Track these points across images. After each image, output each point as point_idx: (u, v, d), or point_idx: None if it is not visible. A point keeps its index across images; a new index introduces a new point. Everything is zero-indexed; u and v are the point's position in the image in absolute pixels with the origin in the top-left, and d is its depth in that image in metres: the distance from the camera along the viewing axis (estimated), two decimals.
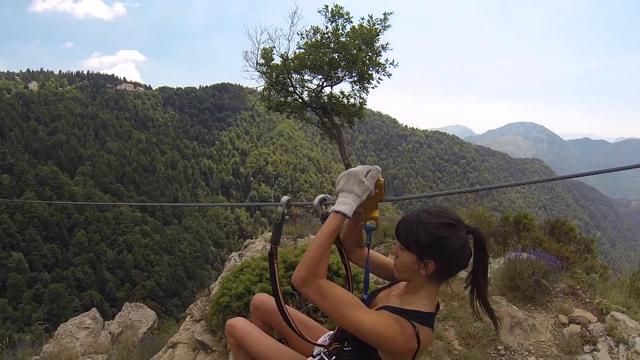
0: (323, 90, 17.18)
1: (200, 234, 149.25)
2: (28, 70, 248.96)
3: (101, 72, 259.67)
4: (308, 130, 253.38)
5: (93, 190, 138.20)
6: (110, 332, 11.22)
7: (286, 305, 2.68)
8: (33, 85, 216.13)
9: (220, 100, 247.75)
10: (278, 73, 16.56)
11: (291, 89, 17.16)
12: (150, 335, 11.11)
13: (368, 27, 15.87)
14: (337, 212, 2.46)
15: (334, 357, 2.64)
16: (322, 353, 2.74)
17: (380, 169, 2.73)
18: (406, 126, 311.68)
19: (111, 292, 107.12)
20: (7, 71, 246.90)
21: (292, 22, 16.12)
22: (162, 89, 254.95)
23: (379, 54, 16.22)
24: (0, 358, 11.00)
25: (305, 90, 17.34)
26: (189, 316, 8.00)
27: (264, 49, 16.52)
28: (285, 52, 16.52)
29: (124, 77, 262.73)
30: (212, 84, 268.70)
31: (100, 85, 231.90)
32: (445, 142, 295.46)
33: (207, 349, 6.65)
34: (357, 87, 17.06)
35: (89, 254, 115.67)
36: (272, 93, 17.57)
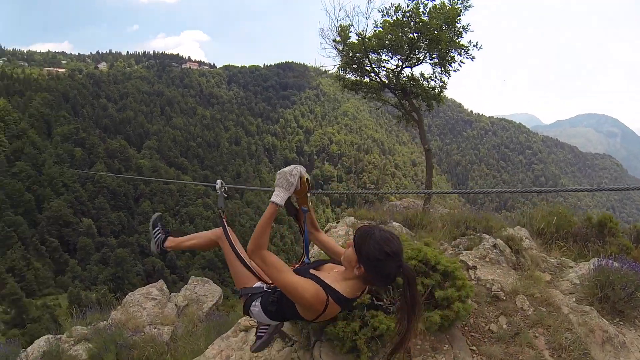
0: (403, 71, 16.48)
1: (262, 209, 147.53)
2: (97, 52, 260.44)
3: (166, 52, 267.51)
4: (373, 111, 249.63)
5: (158, 163, 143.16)
6: (176, 305, 11.41)
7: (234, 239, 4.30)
8: (102, 66, 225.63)
9: (284, 79, 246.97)
10: (355, 52, 15.96)
11: (368, 68, 16.47)
12: (216, 311, 11.24)
13: (449, 5, 14.95)
14: (272, 202, 3.34)
15: (273, 292, 3.65)
16: (264, 286, 3.84)
17: (303, 168, 3.85)
18: (471, 111, 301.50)
19: (172, 260, 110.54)
20: (79, 53, 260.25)
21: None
22: (226, 67, 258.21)
23: (460, 35, 15.39)
24: (69, 323, 11.32)
25: (382, 70, 16.62)
26: None
27: (341, 27, 15.92)
28: (363, 30, 15.78)
29: (189, 56, 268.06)
30: (276, 63, 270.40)
31: (165, 65, 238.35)
32: (511, 130, 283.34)
33: (286, 338, 6.58)
34: (439, 69, 16.22)
35: None
36: (347, 72, 16.95)
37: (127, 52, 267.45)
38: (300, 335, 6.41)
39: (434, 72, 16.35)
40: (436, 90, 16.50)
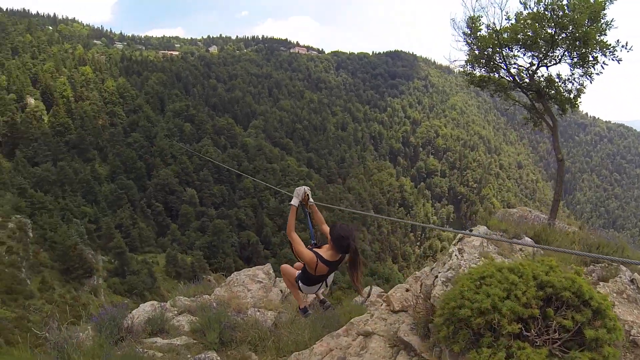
0: (538, 71, 14.82)
1: (363, 196, 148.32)
2: (208, 36, 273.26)
3: (275, 37, 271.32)
4: (481, 106, 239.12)
5: (263, 142, 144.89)
6: (281, 290, 11.38)
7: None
8: (213, 49, 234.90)
9: (393, 68, 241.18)
10: (485, 45, 14.59)
11: (502, 65, 15.05)
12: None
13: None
14: (290, 204, 6.36)
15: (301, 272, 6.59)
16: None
17: (308, 188, 6.67)
18: (586, 114, 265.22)
19: (267, 236, 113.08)
20: (191, 38, 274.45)
21: None
22: (335, 53, 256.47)
23: (603, 32, 13.24)
24: (171, 295, 11.97)
25: (513, 67, 15.20)
26: (384, 303, 7.80)
27: (471, 18, 14.59)
28: (494, 22, 14.34)
29: (297, 42, 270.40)
30: (385, 51, 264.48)
31: (274, 49, 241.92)
32: (631, 139, 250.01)
33: (411, 352, 6.37)
34: (579, 71, 14.23)
35: (253, 199, 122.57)
36: (475, 67, 15.64)
37: (237, 36, 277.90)
38: (431, 353, 6.17)
39: (573, 74, 14.43)
40: (572, 94, 14.71)
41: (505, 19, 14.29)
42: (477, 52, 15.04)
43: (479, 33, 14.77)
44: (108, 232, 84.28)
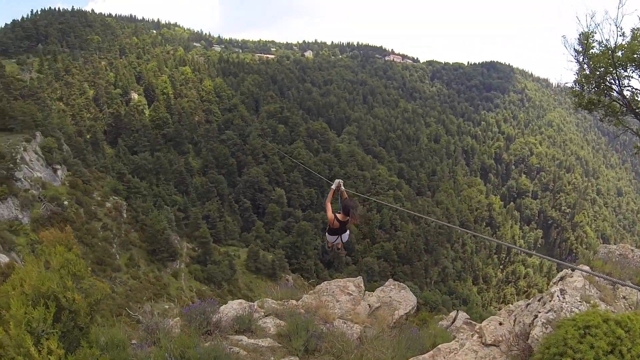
0: None
1: (450, 211, 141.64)
2: (304, 41, 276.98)
3: (370, 44, 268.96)
4: (580, 124, 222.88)
5: (356, 149, 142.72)
6: (369, 305, 11.15)
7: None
8: (308, 54, 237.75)
9: (488, 79, 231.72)
10: (597, 64, 13.79)
11: (614, 86, 14.18)
12: (406, 320, 11.14)
13: None
14: (331, 187, 9.33)
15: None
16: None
17: (341, 181, 9.50)
18: None
19: (351, 243, 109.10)
20: (286, 42, 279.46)
21: (620, 3, 12.53)
22: (430, 63, 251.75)
23: None
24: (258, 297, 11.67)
25: (627, 89, 14.20)
26: (476, 334, 7.61)
27: (583, 34, 13.93)
28: (608, 39, 13.37)
29: (392, 49, 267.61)
30: (480, 62, 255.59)
31: (369, 56, 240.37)
32: None
33: None
34: None
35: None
36: (585, 88, 14.90)
37: (332, 42, 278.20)
38: None
39: None
40: None
41: (620, 36, 13.23)
42: (587, 71, 14.24)
43: (591, 51, 13.99)
44: (195, 222, 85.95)
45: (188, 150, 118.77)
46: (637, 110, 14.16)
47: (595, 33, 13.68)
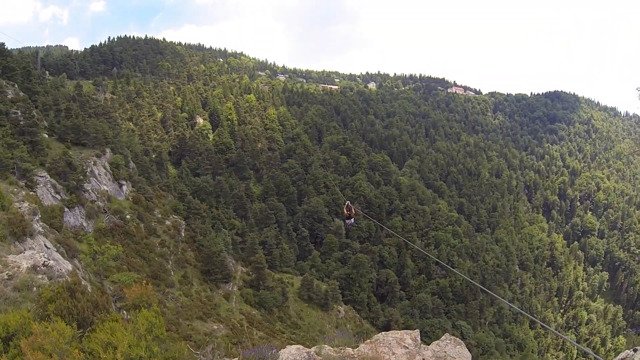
0: None
1: (510, 249, 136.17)
2: (367, 72, 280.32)
3: (432, 76, 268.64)
4: None
5: (417, 183, 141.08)
6: (424, 359, 10.94)
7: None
8: (372, 85, 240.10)
9: (552, 110, 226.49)
10: None
11: None
12: None
13: None
14: (347, 203, 20.91)
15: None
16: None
17: (348, 202, 21.07)
18: None
19: (406, 278, 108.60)
20: (350, 73, 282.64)
21: None
22: (492, 94, 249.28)
23: None
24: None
25: None
26: None
27: None
28: None
29: (454, 81, 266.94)
30: (544, 92, 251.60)
31: (432, 88, 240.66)
32: None
33: None
34: None
35: (399, 238, 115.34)
36: None
37: (395, 73, 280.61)
38: None
39: None
40: None
41: None
42: None
43: None
44: (252, 247, 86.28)
45: (249, 176, 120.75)
46: None
47: None
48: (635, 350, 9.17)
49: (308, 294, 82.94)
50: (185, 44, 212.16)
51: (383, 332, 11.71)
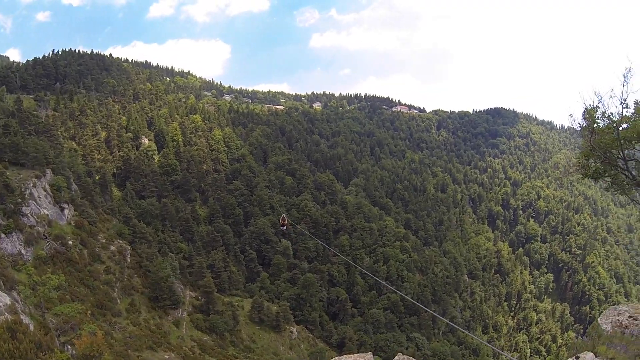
0: None
1: (458, 260, 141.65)
2: (312, 92, 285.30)
3: (377, 95, 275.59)
4: None
5: (363, 201, 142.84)
6: None
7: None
8: (317, 105, 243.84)
9: (493, 125, 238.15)
10: (602, 139, 14.60)
11: (620, 159, 14.87)
12: None
13: None
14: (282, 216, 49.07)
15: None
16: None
17: (283, 215, 50.58)
18: None
19: (357, 295, 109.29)
20: (295, 94, 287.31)
21: (624, 82, 13.22)
22: (436, 112, 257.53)
23: None
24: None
25: (632, 162, 14.99)
26: None
27: (587, 110, 14.68)
28: (612, 115, 14.19)
29: (399, 100, 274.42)
30: (485, 108, 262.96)
31: (376, 107, 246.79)
32: None
33: None
34: None
35: (347, 256, 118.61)
36: (590, 160, 15.69)
37: (340, 93, 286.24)
38: None
39: None
40: None
41: (624, 108, 13.78)
42: (593, 144, 14.64)
43: (595, 125, 14.51)
44: (199, 270, 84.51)
45: (195, 199, 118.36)
46: None
47: (599, 108, 14.14)
48: (577, 358, 9.95)
49: (259, 316, 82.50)
50: (132, 60, 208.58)
51: (337, 358, 11.96)
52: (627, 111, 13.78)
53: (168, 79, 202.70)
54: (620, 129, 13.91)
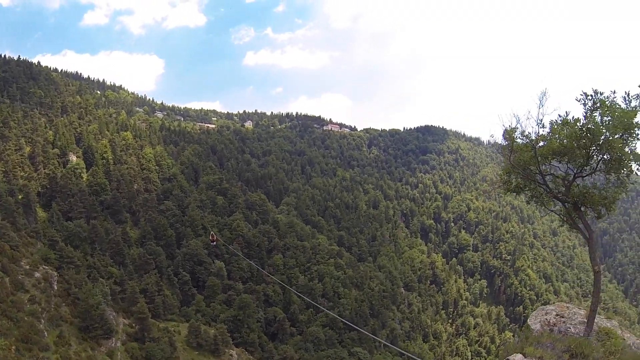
0: (575, 182, 15.71)
1: (393, 274, 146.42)
2: (244, 111, 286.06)
3: (309, 114, 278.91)
4: None
5: (295, 220, 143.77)
6: None
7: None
8: (248, 124, 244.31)
9: (423, 143, 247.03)
10: (522, 156, 15.66)
11: (537, 174, 15.92)
12: None
13: (624, 107, 13.88)
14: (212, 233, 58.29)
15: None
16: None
17: (212, 233, 61.21)
18: None
19: (294, 314, 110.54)
20: (227, 112, 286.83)
21: (540, 104, 14.61)
22: (367, 130, 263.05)
23: (636, 138, 14.30)
24: None
25: (549, 176, 16.12)
26: None
27: (507, 130, 15.81)
28: (531, 134, 15.39)
29: (330, 119, 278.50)
30: (415, 126, 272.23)
31: (307, 126, 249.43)
32: None
33: None
34: (613, 178, 15.36)
35: (282, 275, 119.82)
36: (512, 176, 16.80)
37: (272, 112, 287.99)
38: None
39: (608, 183, 15.49)
40: (608, 200, 15.31)
41: (540, 127, 15.05)
42: (513, 161, 15.64)
43: (514, 143, 15.52)
44: (132, 296, 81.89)
45: (126, 220, 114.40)
46: (559, 196, 15.84)
47: (518, 128, 15.23)
48: None
49: (197, 341, 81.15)
50: (62, 70, 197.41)
51: None
52: (543, 130, 15.07)
53: (99, 92, 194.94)
54: (538, 146, 15.05)
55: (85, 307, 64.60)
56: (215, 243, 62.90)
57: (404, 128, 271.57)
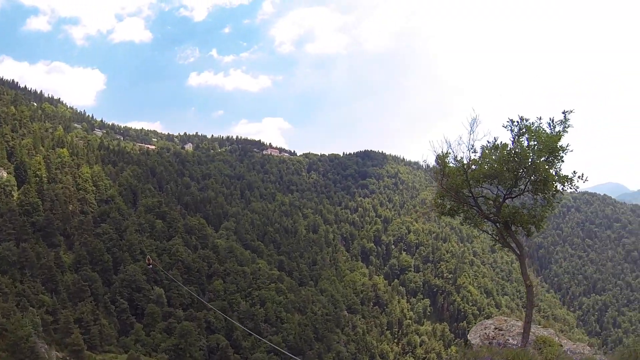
0: (505, 203, 16.42)
1: (335, 297, 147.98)
2: (185, 133, 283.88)
3: (249, 138, 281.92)
4: None
5: (234, 244, 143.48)
6: None
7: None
8: (189, 147, 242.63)
9: (363, 167, 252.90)
10: (454, 179, 16.18)
11: (470, 199, 16.63)
12: None
13: (549, 132, 14.93)
14: (148, 258, 39.59)
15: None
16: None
17: (149, 257, 40.33)
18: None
19: (238, 340, 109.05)
20: (168, 133, 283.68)
21: (471, 130, 15.36)
22: (306, 155, 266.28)
23: (561, 160, 15.26)
24: None
25: (481, 198, 16.80)
26: None
27: (439, 156, 16.32)
28: (463, 159, 16.04)
29: (270, 143, 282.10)
30: (355, 151, 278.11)
31: (247, 150, 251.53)
32: (596, 204, 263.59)
33: None
34: (540, 198, 16.14)
35: (223, 301, 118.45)
36: (445, 199, 17.26)
37: (212, 135, 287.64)
38: None
39: (536, 204, 16.13)
40: (537, 218, 16.06)
41: (472, 152, 15.75)
42: (446, 185, 16.19)
43: (447, 168, 16.03)
44: (66, 326, 77.24)
45: (59, 243, 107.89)
46: (490, 216, 16.54)
47: (450, 154, 15.95)
48: None
49: None
50: None
51: None
52: (474, 155, 15.77)
53: (35, 104, 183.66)
54: (469, 170, 15.72)
55: (14, 339, 60.20)
56: (151, 266, 60.00)
57: (344, 153, 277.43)
